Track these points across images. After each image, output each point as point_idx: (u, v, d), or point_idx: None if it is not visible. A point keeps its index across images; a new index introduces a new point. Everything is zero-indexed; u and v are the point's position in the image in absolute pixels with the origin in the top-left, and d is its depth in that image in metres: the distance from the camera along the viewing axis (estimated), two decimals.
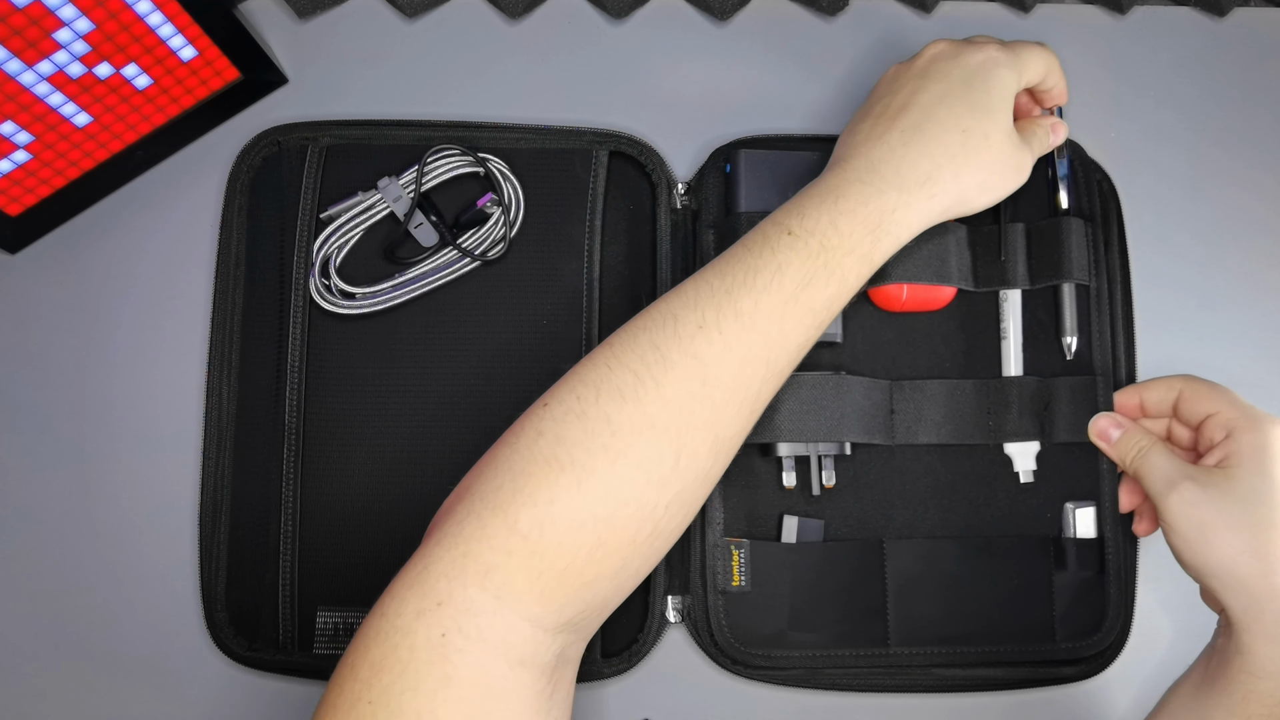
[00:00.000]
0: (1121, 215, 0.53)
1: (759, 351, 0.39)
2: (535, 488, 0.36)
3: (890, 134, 0.44)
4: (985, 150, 0.44)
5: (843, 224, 0.41)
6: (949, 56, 0.46)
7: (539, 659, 0.36)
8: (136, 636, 0.50)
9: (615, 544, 0.37)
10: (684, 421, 0.38)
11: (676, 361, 0.38)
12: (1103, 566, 0.50)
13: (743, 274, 0.40)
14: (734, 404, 0.39)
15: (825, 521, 0.50)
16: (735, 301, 0.39)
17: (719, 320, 0.39)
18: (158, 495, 0.51)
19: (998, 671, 0.50)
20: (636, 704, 0.51)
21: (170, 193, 0.54)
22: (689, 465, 0.38)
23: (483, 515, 0.36)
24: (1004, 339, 0.52)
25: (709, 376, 0.38)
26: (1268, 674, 0.40)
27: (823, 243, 0.40)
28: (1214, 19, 0.59)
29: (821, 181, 0.43)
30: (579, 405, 0.37)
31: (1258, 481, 0.42)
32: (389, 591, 0.35)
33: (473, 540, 0.35)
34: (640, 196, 0.54)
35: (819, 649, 0.49)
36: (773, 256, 0.40)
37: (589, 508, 0.36)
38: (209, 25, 0.49)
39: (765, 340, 0.39)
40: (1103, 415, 0.49)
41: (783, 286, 0.40)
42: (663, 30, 0.57)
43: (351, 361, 0.50)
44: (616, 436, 0.37)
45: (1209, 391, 0.46)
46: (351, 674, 0.34)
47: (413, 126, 0.53)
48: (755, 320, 0.39)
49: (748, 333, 0.39)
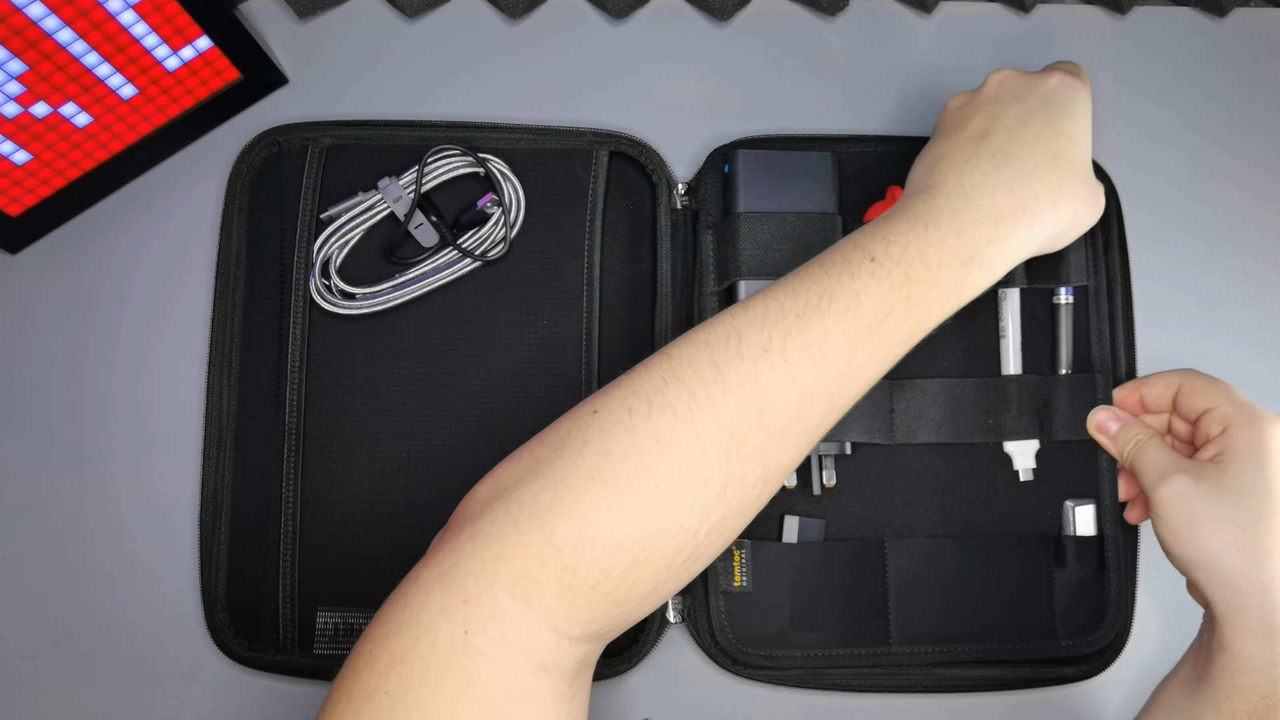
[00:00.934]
0: (1121, 215, 0.53)
1: (824, 384, 0.37)
2: (576, 501, 0.34)
3: (978, 159, 0.41)
4: (1076, 178, 0.42)
5: (932, 255, 0.39)
6: (1018, 81, 0.45)
7: (562, 665, 0.35)
8: (136, 636, 0.50)
9: (651, 566, 0.35)
10: (736, 448, 0.36)
11: (735, 384, 0.36)
12: (1103, 564, 0.50)
13: (816, 297, 0.37)
14: (790, 435, 0.37)
15: (826, 521, 0.50)
16: (805, 327, 0.37)
17: (785, 346, 0.36)
18: (158, 495, 0.51)
19: (998, 671, 0.50)
20: (636, 704, 0.51)
21: (170, 193, 0.54)
22: (736, 494, 0.36)
23: (520, 520, 0.34)
24: (1003, 338, 0.52)
25: (767, 405, 0.36)
26: (1252, 669, 0.40)
27: (908, 274, 0.38)
28: (1214, 19, 0.59)
29: (908, 206, 0.41)
30: (629, 418, 0.36)
31: (1250, 477, 0.42)
32: (414, 581, 0.34)
33: (506, 544, 0.34)
34: (640, 196, 0.54)
35: (820, 648, 0.49)
36: (851, 282, 0.38)
37: (628, 529, 0.34)
38: (209, 25, 0.49)
39: (832, 372, 0.37)
40: (1101, 409, 0.49)
41: (858, 317, 0.37)
42: (663, 30, 0.57)
43: (351, 362, 0.50)
44: (664, 456, 0.35)
45: (1208, 386, 0.46)
46: (369, 662, 0.33)
47: (413, 126, 0.53)
48: (824, 350, 0.37)
49: (814, 363, 0.37)
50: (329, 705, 0.33)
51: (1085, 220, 0.44)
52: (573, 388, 0.50)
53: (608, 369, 0.51)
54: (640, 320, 0.53)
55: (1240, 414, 0.44)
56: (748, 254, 0.50)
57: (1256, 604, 0.40)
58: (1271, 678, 0.40)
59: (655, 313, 0.52)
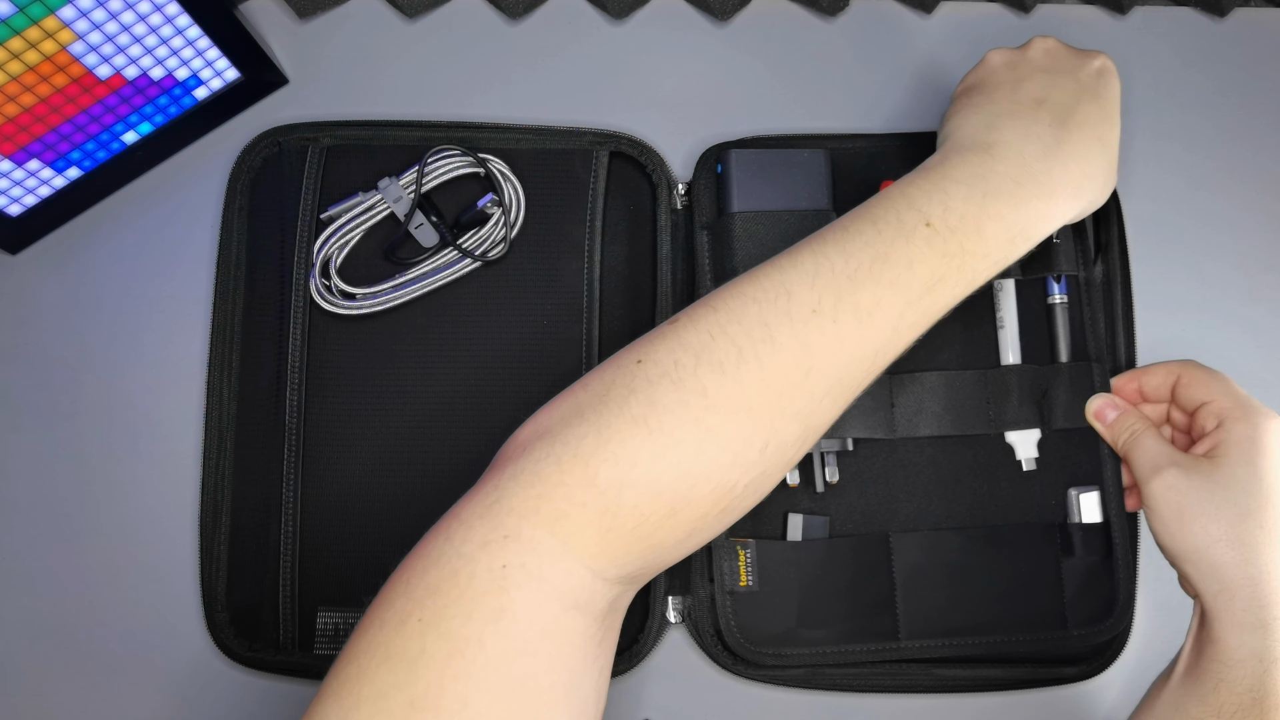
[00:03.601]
0: (1121, 213, 0.53)
1: (870, 347, 0.37)
2: (620, 446, 0.35)
3: (1038, 127, 0.42)
4: (1109, 164, 0.44)
5: (989, 228, 0.39)
6: (1068, 55, 0.45)
7: (594, 605, 0.35)
8: (136, 636, 0.50)
9: (688, 515, 0.36)
10: (781, 408, 0.36)
11: (784, 344, 0.36)
12: (1110, 550, 0.50)
13: (869, 261, 0.37)
14: (832, 396, 0.37)
15: (830, 518, 0.50)
16: (856, 291, 0.37)
17: (836, 309, 0.37)
18: (158, 495, 0.51)
19: (998, 672, 0.50)
20: (636, 704, 0.51)
21: (170, 193, 0.54)
22: (776, 452, 0.37)
23: (563, 461, 0.35)
24: (1000, 329, 0.52)
25: (815, 367, 0.36)
26: (1238, 662, 0.40)
27: (963, 244, 0.38)
28: (1214, 19, 0.59)
29: (967, 163, 0.41)
30: (676, 371, 0.36)
31: (1242, 472, 0.42)
32: (456, 516, 0.35)
33: (550, 483, 0.34)
34: (640, 196, 0.54)
35: (829, 645, 0.49)
36: (906, 248, 0.38)
37: (669, 478, 0.35)
38: (209, 25, 0.49)
39: (880, 337, 0.37)
40: (1099, 396, 0.49)
41: (910, 285, 0.37)
42: (663, 30, 0.58)
43: (352, 362, 0.50)
44: (710, 411, 0.35)
45: (1206, 378, 0.46)
46: (406, 591, 0.33)
47: (413, 127, 0.53)
48: (874, 315, 0.37)
49: (863, 327, 0.37)
50: (360, 631, 0.33)
51: (1099, 200, 0.45)
52: None
53: None
54: (640, 320, 0.53)
55: (1235, 408, 0.44)
56: (743, 253, 0.50)
57: (1245, 597, 0.40)
58: (1259, 671, 0.40)
59: (655, 313, 0.52)
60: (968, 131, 0.43)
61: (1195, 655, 0.42)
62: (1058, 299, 0.52)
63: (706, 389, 0.35)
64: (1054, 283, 0.52)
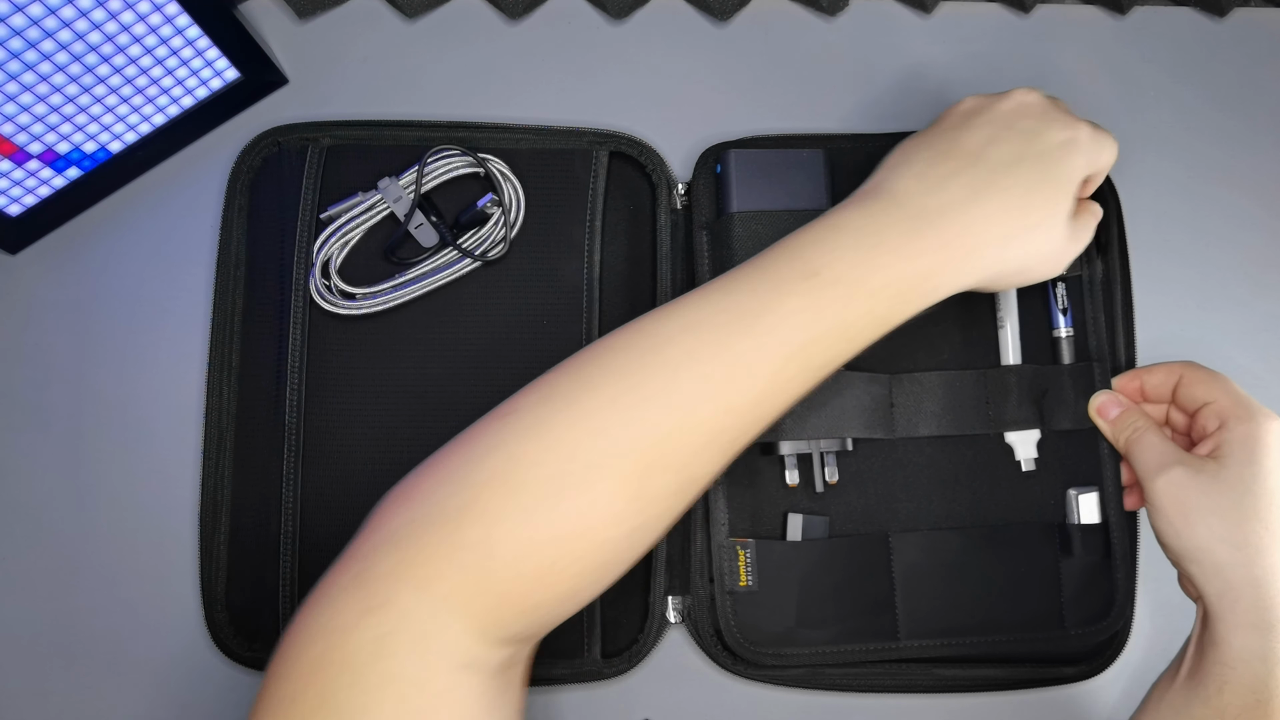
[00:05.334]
0: (1121, 214, 0.53)
1: (749, 400, 0.36)
2: (485, 505, 0.34)
3: (957, 180, 0.40)
4: (1040, 236, 0.41)
5: (875, 281, 0.37)
6: (1037, 115, 0.42)
7: (485, 664, 0.34)
8: (136, 636, 0.50)
9: (565, 572, 0.35)
10: (652, 460, 0.35)
11: (654, 395, 0.35)
12: (1109, 550, 0.50)
13: (749, 311, 0.36)
14: (710, 450, 0.36)
15: (830, 518, 0.50)
16: (732, 342, 0.36)
17: (713, 360, 0.36)
18: (158, 495, 0.51)
19: (998, 671, 0.50)
20: (636, 704, 0.51)
21: (170, 193, 0.54)
22: (650, 505, 0.35)
23: (431, 522, 0.34)
24: (1000, 328, 0.52)
25: (687, 420, 0.35)
26: (1241, 662, 0.40)
27: (849, 297, 0.37)
28: (1214, 19, 0.59)
29: (860, 210, 0.39)
30: (539, 425, 0.35)
31: (1246, 472, 0.42)
32: (327, 588, 0.34)
33: (418, 545, 0.33)
34: (640, 196, 0.54)
35: (828, 645, 0.49)
36: (786, 300, 0.37)
37: (539, 535, 0.34)
38: (209, 25, 0.49)
39: (758, 389, 0.36)
40: (1103, 393, 0.49)
41: (789, 339, 0.36)
42: (663, 30, 0.58)
43: (352, 362, 0.50)
44: (575, 463, 0.34)
45: (1207, 379, 0.46)
46: (290, 670, 0.32)
47: (413, 126, 0.53)
48: (752, 368, 0.36)
49: (738, 380, 0.36)
50: (252, 717, 0.33)
51: (1034, 275, 0.43)
52: None
53: None
54: None
55: (1237, 408, 0.44)
56: (743, 253, 0.50)
57: (1248, 598, 0.40)
58: (1262, 672, 0.40)
59: None
60: (882, 175, 0.42)
61: (1198, 657, 0.42)
62: (1063, 333, 0.51)
63: (573, 441, 0.34)
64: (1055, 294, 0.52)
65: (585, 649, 0.49)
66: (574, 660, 0.49)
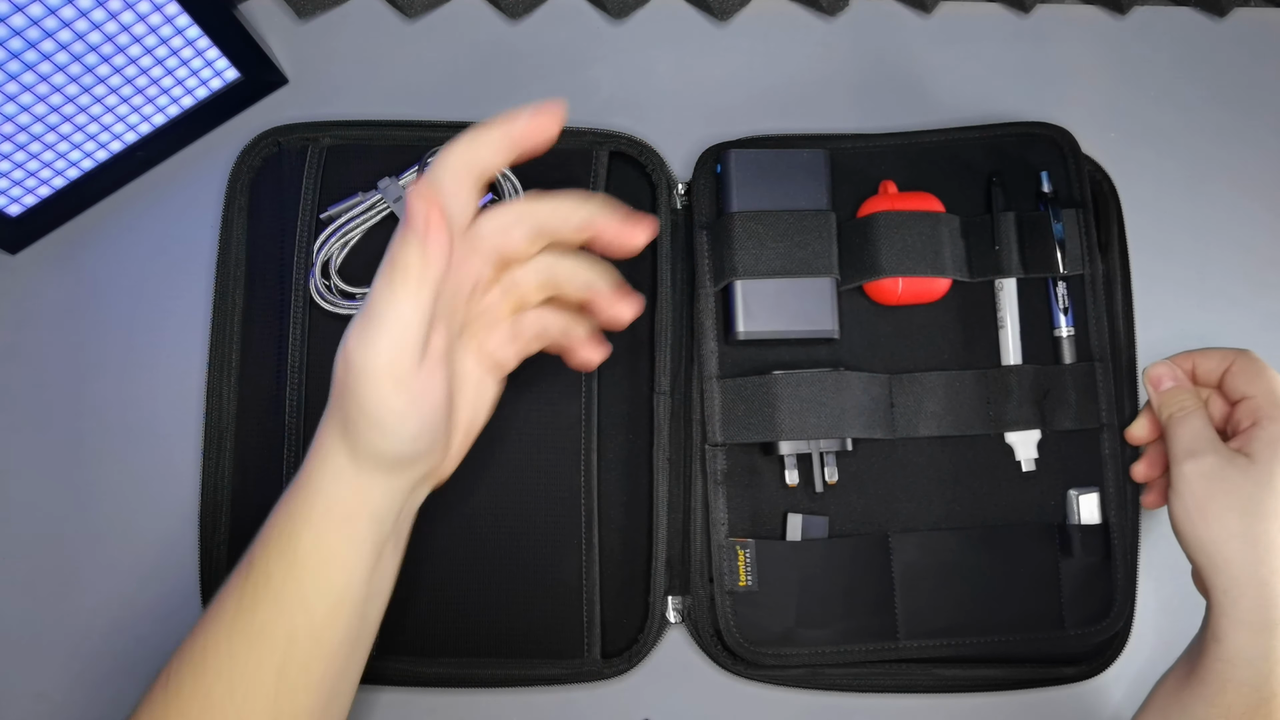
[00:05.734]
0: (1121, 214, 0.53)
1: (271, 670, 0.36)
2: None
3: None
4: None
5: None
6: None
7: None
8: (136, 636, 0.50)
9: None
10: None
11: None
12: (1108, 551, 0.50)
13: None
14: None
15: (830, 518, 0.50)
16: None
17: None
18: (158, 495, 0.51)
19: (999, 671, 0.50)
20: (636, 704, 0.51)
21: (170, 193, 0.54)
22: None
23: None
24: (1001, 328, 0.52)
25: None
26: (1244, 661, 0.40)
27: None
28: (1214, 19, 0.59)
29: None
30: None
31: (1268, 472, 0.42)
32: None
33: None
34: (640, 197, 0.54)
35: (828, 645, 0.49)
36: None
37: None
38: (209, 25, 0.49)
39: (275, 660, 0.37)
40: (1162, 362, 0.47)
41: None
42: (663, 30, 0.58)
43: None
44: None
45: (1254, 373, 0.45)
46: None
47: (413, 127, 0.53)
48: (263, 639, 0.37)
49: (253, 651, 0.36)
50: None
51: None
52: (572, 387, 0.50)
53: (607, 369, 0.51)
54: (640, 320, 0.52)
55: (1272, 408, 0.43)
56: (742, 253, 0.50)
57: (1252, 596, 0.40)
58: (1264, 671, 0.40)
59: (655, 313, 0.52)
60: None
61: (1201, 654, 0.42)
62: (1065, 332, 0.51)
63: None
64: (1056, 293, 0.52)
65: (585, 649, 0.49)
66: (574, 660, 0.49)
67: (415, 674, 0.48)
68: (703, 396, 0.50)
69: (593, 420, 0.50)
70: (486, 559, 0.49)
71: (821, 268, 0.50)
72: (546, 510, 0.49)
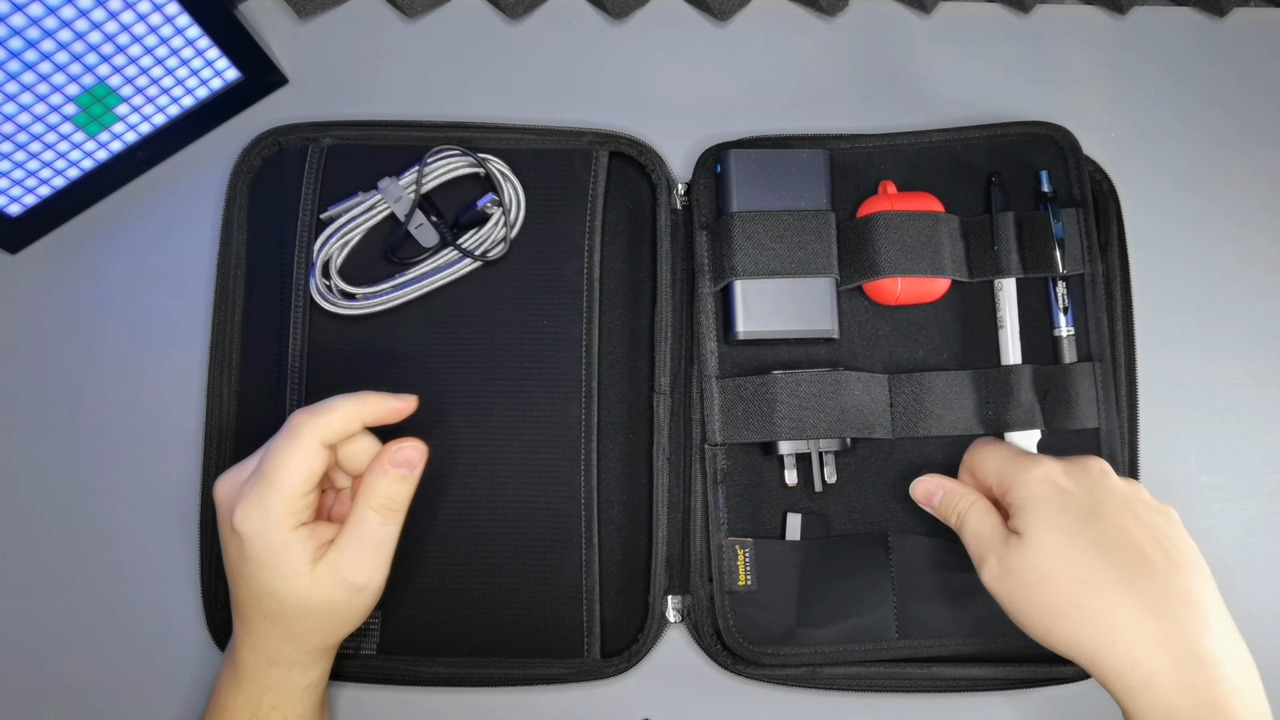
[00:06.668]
0: (1121, 215, 0.53)
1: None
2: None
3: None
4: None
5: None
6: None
7: None
8: (136, 636, 0.50)
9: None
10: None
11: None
12: None
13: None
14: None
15: (829, 517, 0.50)
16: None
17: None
18: (158, 495, 0.51)
19: (998, 671, 0.50)
20: (636, 704, 0.51)
21: (170, 193, 0.54)
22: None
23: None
24: (1001, 328, 0.52)
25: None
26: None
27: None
28: (1214, 19, 0.59)
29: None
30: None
31: (1035, 537, 0.40)
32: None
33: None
34: (640, 196, 0.54)
35: (828, 645, 0.49)
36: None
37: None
38: (209, 25, 0.49)
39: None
40: (927, 478, 0.47)
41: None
42: (663, 30, 0.58)
43: (352, 362, 0.50)
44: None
45: (982, 460, 0.45)
46: None
47: (413, 127, 0.53)
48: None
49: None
50: None
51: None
52: (573, 388, 0.50)
53: (607, 369, 0.51)
54: (640, 320, 0.53)
55: (1002, 480, 0.43)
56: (742, 254, 0.50)
57: (1110, 660, 0.38)
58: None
59: (655, 313, 0.52)
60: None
61: None
62: (1065, 332, 0.51)
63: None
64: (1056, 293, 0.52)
65: (585, 649, 0.49)
66: (574, 660, 0.49)
67: (415, 674, 0.48)
68: (702, 396, 0.50)
69: (592, 420, 0.50)
70: (486, 559, 0.49)
71: (821, 268, 0.50)
72: (546, 510, 0.49)
